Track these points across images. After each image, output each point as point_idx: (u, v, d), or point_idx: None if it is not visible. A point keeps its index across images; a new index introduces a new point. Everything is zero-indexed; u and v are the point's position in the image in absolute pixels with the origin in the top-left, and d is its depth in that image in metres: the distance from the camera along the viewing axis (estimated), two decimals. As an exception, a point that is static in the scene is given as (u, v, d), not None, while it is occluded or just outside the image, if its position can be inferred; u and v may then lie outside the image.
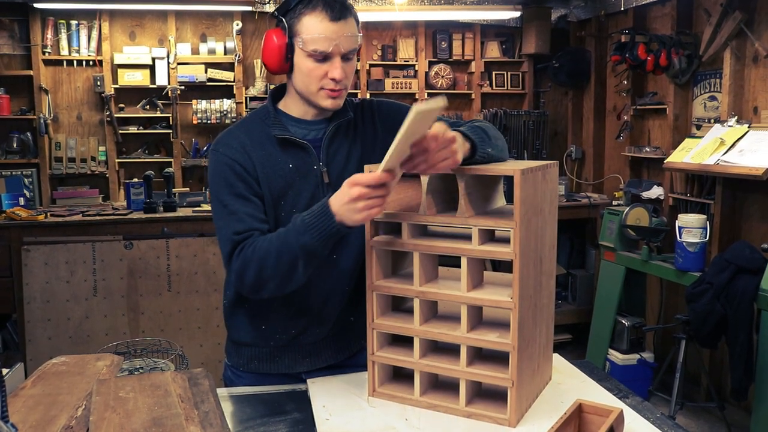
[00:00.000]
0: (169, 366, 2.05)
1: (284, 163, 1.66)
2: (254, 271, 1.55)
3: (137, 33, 5.23)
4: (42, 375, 1.51)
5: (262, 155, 1.65)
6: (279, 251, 1.52)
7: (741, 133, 3.75)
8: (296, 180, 1.66)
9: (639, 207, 4.29)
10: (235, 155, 1.64)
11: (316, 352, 1.78)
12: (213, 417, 1.26)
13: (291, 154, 1.67)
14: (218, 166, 1.65)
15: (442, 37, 5.67)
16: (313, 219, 1.48)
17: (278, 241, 1.53)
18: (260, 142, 1.67)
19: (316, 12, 1.56)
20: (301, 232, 1.49)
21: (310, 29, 1.56)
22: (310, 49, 1.57)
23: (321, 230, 1.47)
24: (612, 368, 4.29)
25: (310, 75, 1.60)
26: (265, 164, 1.65)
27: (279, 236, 1.54)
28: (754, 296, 3.24)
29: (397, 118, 1.73)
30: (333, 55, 1.58)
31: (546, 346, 1.65)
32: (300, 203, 1.66)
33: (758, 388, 3.24)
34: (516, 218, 1.38)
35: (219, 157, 1.65)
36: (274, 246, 1.53)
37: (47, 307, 4.16)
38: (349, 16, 1.59)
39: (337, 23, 1.56)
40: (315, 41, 1.56)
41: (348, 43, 1.58)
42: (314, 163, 1.68)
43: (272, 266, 1.53)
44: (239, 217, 1.60)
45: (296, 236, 1.50)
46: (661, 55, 4.34)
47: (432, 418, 1.49)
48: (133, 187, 4.71)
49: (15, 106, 5.00)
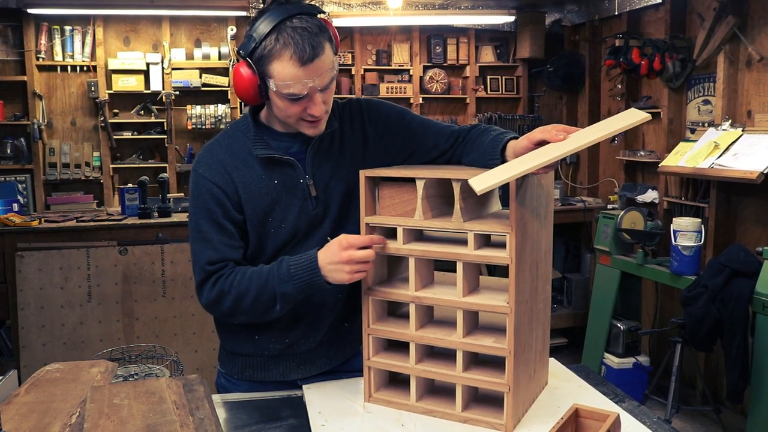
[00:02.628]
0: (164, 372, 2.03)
1: (269, 179, 1.62)
2: (230, 303, 1.58)
3: (131, 38, 5.22)
4: (36, 382, 1.50)
5: (245, 174, 1.61)
6: (259, 291, 1.55)
7: (735, 137, 3.76)
8: (282, 195, 1.63)
9: (634, 211, 4.30)
10: (215, 177, 1.60)
11: (310, 360, 1.77)
12: (208, 424, 1.25)
13: (276, 171, 1.62)
14: (196, 188, 1.62)
15: (437, 41, 5.68)
16: (298, 270, 1.52)
17: (258, 282, 1.56)
18: (243, 159, 1.61)
19: (284, 57, 1.44)
20: (284, 281, 1.53)
21: (281, 75, 1.45)
22: (285, 93, 1.47)
23: (303, 282, 1.52)
24: (608, 372, 4.29)
25: (287, 112, 1.53)
26: (249, 183, 1.61)
27: (260, 276, 1.56)
28: (749, 299, 3.24)
29: (390, 121, 1.73)
30: (311, 94, 1.49)
31: (542, 350, 1.65)
32: (289, 218, 1.63)
33: (754, 391, 3.24)
34: (512, 223, 1.38)
35: (198, 178, 1.62)
36: (254, 285, 1.56)
37: (41, 314, 4.13)
38: (321, 52, 1.45)
39: (309, 66, 1.44)
40: (288, 86, 1.46)
41: (324, 79, 1.48)
42: (300, 177, 1.64)
43: (250, 303, 1.57)
44: (213, 245, 1.60)
45: (279, 283, 1.53)
46: (655, 59, 4.36)
47: (428, 424, 1.49)
48: (127, 192, 4.69)
49: (9, 112, 4.98)
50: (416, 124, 1.74)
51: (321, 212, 1.66)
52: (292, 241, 1.65)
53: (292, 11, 1.46)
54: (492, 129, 1.64)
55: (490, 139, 1.58)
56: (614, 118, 1.41)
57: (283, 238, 1.64)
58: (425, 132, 1.73)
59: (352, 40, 5.57)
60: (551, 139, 1.39)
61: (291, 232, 1.64)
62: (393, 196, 1.56)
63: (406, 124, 1.73)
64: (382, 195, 1.57)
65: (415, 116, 1.77)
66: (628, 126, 1.37)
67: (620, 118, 1.40)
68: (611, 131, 1.35)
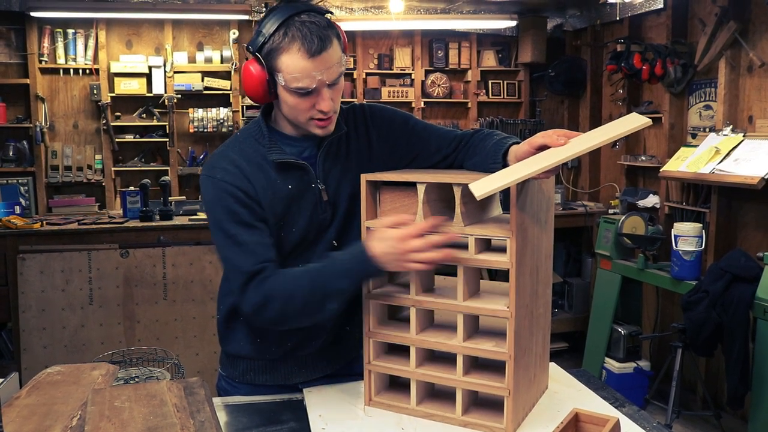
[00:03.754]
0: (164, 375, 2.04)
1: (284, 185, 1.61)
2: (278, 306, 1.52)
3: (134, 41, 5.23)
4: (37, 384, 1.50)
5: (260, 179, 1.59)
6: (311, 291, 1.50)
7: (736, 142, 3.77)
8: (296, 199, 1.62)
9: (635, 215, 4.30)
10: (235, 180, 1.57)
11: (311, 364, 1.77)
12: (209, 427, 1.25)
13: (290, 176, 1.62)
14: (217, 194, 1.57)
15: (439, 45, 5.69)
16: (354, 264, 1.48)
17: (309, 280, 1.50)
18: (257, 164, 1.60)
19: (293, 50, 1.46)
20: (339, 276, 1.49)
21: (290, 68, 1.47)
22: (293, 87, 1.49)
23: (361, 275, 1.49)
24: (608, 377, 4.29)
25: (297, 108, 1.54)
26: (266, 188, 1.59)
27: (310, 275, 1.51)
28: (750, 304, 3.24)
29: (394, 126, 1.74)
30: (318, 88, 1.50)
31: (542, 355, 1.65)
32: (300, 222, 1.63)
33: (754, 397, 3.24)
34: (512, 227, 1.38)
35: (217, 183, 1.58)
36: (304, 284, 1.50)
37: (43, 316, 4.14)
38: (329, 45, 1.48)
39: (317, 58, 1.46)
40: (297, 80, 1.48)
41: (332, 73, 1.50)
42: (312, 181, 1.64)
43: (299, 304, 1.51)
44: (250, 248, 1.54)
45: (334, 279, 1.49)
46: (657, 64, 4.36)
47: (428, 428, 1.49)
48: (129, 195, 4.70)
49: (11, 115, 4.99)
50: (419, 128, 1.75)
51: (329, 216, 1.66)
52: (301, 245, 1.65)
53: (300, 8, 1.49)
54: (495, 134, 1.64)
55: (492, 144, 1.58)
56: (615, 122, 1.41)
57: (293, 243, 1.63)
58: (428, 136, 1.73)
59: (354, 44, 5.57)
60: (552, 143, 1.39)
61: (301, 236, 1.63)
62: (394, 200, 1.56)
63: (410, 129, 1.74)
64: (384, 199, 1.57)
65: (418, 121, 1.78)
66: (628, 131, 1.37)
67: (621, 123, 1.40)
68: (612, 136, 1.35)
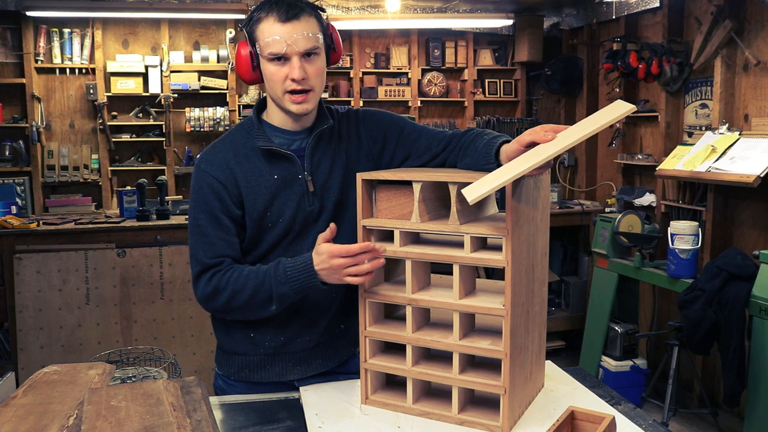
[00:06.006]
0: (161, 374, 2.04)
1: (269, 174, 1.67)
2: (225, 299, 1.63)
3: (130, 41, 5.23)
4: (33, 384, 1.50)
5: (246, 168, 1.67)
6: (255, 290, 1.60)
7: (732, 141, 3.77)
8: (281, 190, 1.67)
9: (631, 214, 4.31)
10: (216, 172, 1.66)
11: (306, 360, 1.78)
12: (206, 425, 1.25)
13: (276, 165, 1.68)
14: (198, 183, 1.68)
15: (435, 44, 5.69)
16: (295, 273, 1.56)
17: (255, 281, 1.60)
18: (245, 154, 1.68)
19: (268, 17, 1.59)
20: (281, 282, 1.57)
21: (264, 33, 1.59)
22: (267, 53, 1.59)
23: (300, 284, 1.56)
24: (605, 375, 4.29)
25: (273, 78, 1.61)
26: (250, 178, 1.66)
27: (257, 276, 1.61)
28: (746, 303, 3.25)
29: (384, 127, 1.77)
30: (290, 56, 1.59)
31: (538, 353, 1.65)
32: (286, 212, 1.68)
33: (750, 394, 3.24)
34: (508, 226, 1.39)
35: (200, 173, 1.68)
36: (250, 284, 1.60)
37: (39, 316, 4.13)
38: (303, 15, 1.59)
39: (287, 23, 1.57)
40: (269, 45, 1.58)
41: (303, 43, 1.58)
42: (299, 173, 1.69)
43: (244, 300, 1.61)
44: (210, 240, 1.65)
45: (275, 284, 1.58)
46: (653, 63, 4.37)
47: (425, 426, 1.49)
48: (125, 195, 4.69)
49: (7, 114, 4.99)
50: (409, 129, 1.79)
51: (317, 209, 1.70)
52: (288, 236, 1.69)
53: None
54: (485, 133, 1.65)
55: (483, 144, 1.59)
56: (601, 111, 1.41)
57: (279, 233, 1.68)
58: (418, 137, 1.77)
59: (351, 43, 5.57)
60: (539, 140, 1.40)
61: (287, 227, 1.68)
62: (390, 199, 1.57)
63: (400, 130, 1.78)
64: (379, 198, 1.58)
65: (409, 123, 1.82)
66: (615, 119, 1.36)
67: (607, 111, 1.40)
68: (599, 125, 1.35)
